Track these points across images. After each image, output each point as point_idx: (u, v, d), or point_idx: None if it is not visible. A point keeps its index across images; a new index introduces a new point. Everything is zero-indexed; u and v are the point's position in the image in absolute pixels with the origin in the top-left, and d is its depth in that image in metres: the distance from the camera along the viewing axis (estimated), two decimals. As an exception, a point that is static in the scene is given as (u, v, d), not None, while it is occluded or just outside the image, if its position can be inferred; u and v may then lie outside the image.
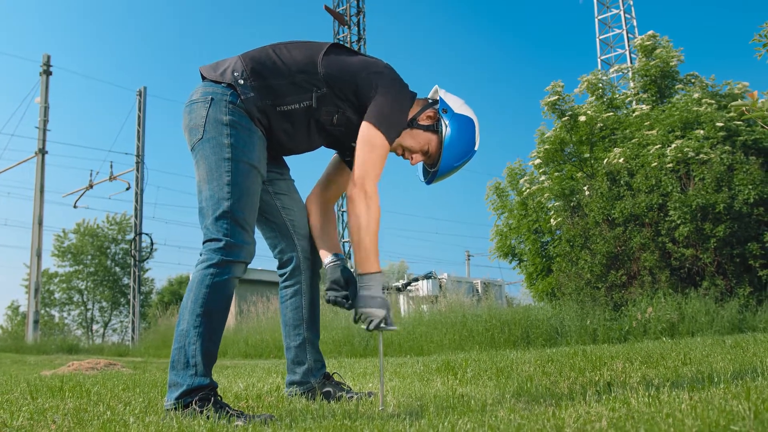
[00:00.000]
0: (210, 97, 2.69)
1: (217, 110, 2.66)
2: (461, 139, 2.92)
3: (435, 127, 2.93)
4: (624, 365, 3.86)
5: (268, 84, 2.70)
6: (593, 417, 1.92)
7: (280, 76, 2.72)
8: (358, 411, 2.52)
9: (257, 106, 2.70)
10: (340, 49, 2.88)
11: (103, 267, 43.28)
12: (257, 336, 13.76)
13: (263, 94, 2.70)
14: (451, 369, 4.29)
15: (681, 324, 9.09)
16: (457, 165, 2.97)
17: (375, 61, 2.87)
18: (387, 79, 2.78)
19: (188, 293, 2.57)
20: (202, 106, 2.69)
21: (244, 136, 2.67)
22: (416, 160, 2.98)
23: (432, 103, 2.99)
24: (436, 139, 2.92)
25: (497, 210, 14.91)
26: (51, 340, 20.68)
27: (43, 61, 23.48)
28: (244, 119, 2.68)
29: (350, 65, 2.78)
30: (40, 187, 22.77)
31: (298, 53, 2.78)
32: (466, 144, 2.95)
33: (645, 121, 12.16)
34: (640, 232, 10.79)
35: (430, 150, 2.95)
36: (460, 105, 2.98)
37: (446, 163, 2.93)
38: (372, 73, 2.77)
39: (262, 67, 2.72)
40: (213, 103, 2.67)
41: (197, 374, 2.47)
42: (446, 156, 2.91)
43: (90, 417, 2.49)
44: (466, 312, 11.42)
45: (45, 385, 3.94)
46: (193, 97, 2.75)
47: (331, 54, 2.80)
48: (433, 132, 2.92)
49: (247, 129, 2.68)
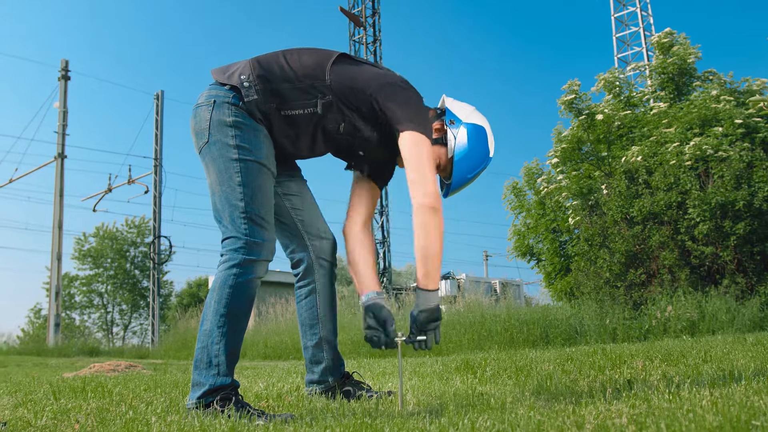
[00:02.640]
0: (213, 100, 2.70)
1: (220, 112, 2.67)
2: (472, 149, 2.85)
3: (443, 139, 2.87)
4: (644, 363, 3.85)
5: (274, 88, 2.69)
6: (614, 414, 1.92)
7: (286, 80, 2.70)
8: (378, 409, 2.53)
9: (260, 109, 2.69)
10: (350, 58, 2.85)
11: (122, 270, 43.51)
12: (276, 337, 13.78)
13: (268, 97, 2.68)
14: (471, 368, 4.29)
15: (701, 322, 9.03)
16: (471, 176, 2.90)
17: (387, 71, 2.84)
18: (400, 87, 2.75)
19: (212, 293, 2.59)
20: (206, 110, 2.70)
21: (249, 135, 2.67)
22: None
23: (440, 114, 2.93)
24: (445, 151, 2.86)
25: (515, 210, 14.87)
26: (72, 342, 20.84)
27: (62, 66, 23.69)
28: (248, 119, 2.68)
29: (361, 74, 2.76)
30: (59, 191, 22.96)
31: (307, 59, 2.77)
32: (479, 154, 2.87)
33: (663, 118, 12.09)
34: (659, 231, 10.73)
35: (441, 163, 2.88)
36: (470, 113, 2.91)
37: (459, 175, 2.86)
38: (386, 83, 2.74)
39: (269, 71, 2.71)
40: (216, 105, 2.68)
41: (220, 374, 2.50)
42: (458, 169, 2.84)
43: (112, 417, 2.52)
44: (484, 312, 11.40)
45: (67, 386, 3.98)
46: (198, 101, 2.77)
47: (341, 62, 2.78)
48: (442, 145, 2.86)
49: (251, 128, 2.68)
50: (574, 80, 13.30)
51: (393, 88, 2.74)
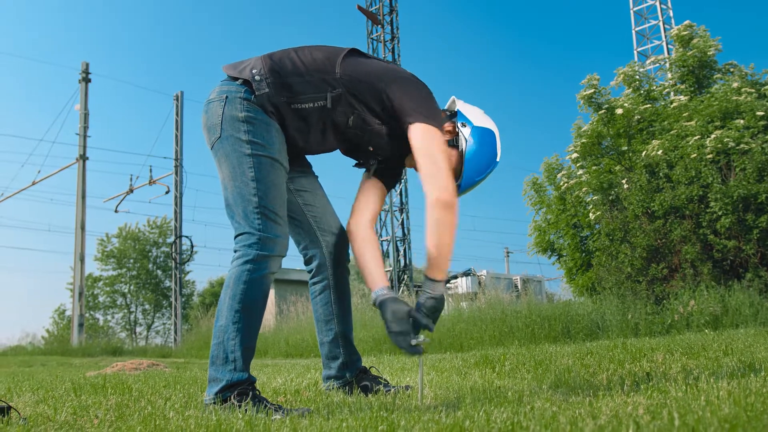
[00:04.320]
0: (225, 95, 2.71)
1: (232, 107, 2.68)
2: (483, 152, 2.86)
3: (454, 141, 2.87)
4: (664, 356, 3.82)
5: (284, 81, 2.70)
6: (630, 405, 1.91)
7: (297, 74, 2.71)
8: (395, 403, 2.53)
9: (271, 102, 2.69)
10: (360, 53, 2.86)
11: (145, 270, 43.88)
12: (297, 335, 13.82)
13: (278, 90, 2.69)
14: (490, 363, 4.28)
15: (724, 317, 8.95)
16: (480, 179, 2.90)
17: (396, 66, 2.86)
18: (413, 81, 2.77)
19: (225, 289, 2.61)
20: (218, 105, 2.71)
21: (261, 130, 2.68)
22: None
23: (450, 116, 2.94)
24: (456, 153, 2.86)
25: (535, 205, 14.81)
26: (96, 342, 21.04)
27: (82, 69, 23.89)
28: (260, 113, 2.69)
29: (371, 67, 2.77)
30: (81, 192, 23.16)
31: (318, 53, 2.78)
32: (488, 157, 2.88)
33: (683, 112, 11.98)
34: (681, 225, 10.64)
35: (451, 165, 2.86)
36: (480, 116, 2.92)
37: (468, 177, 2.86)
38: (396, 77, 2.75)
39: (281, 65, 2.72)
40: (228, 101, 2.69)
41: (236, 369, 2.51)
42: (468, 170, 2.85)
43: (131, 412, 2.54)
44: (505, 308, 11.36)
45: (88, 384, 4.02)
46: (210, 96, 2.78)
47: (351, 56, 2.79)
48: (452, 146, 2.86)
49: (263, 123, 2.69)
50: (594, 75, 13.24)
51: (403, 81, 2.75)
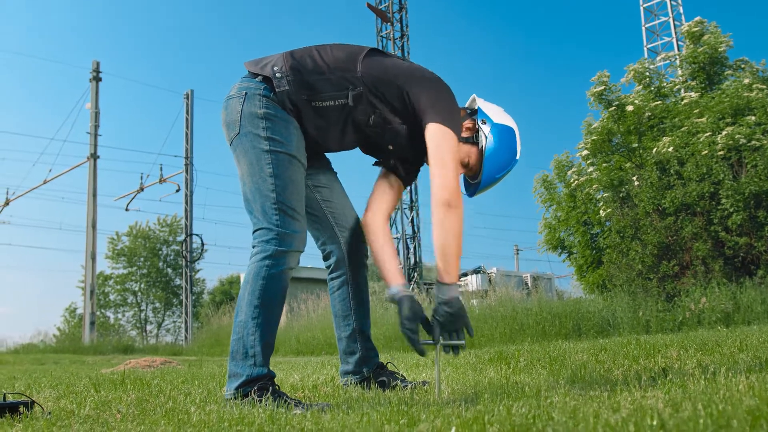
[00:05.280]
0: (244, 92, 2.73)
1: (252, 104, 2.70)
2: (502, 150, 2.87)
3: (474, 138, 2.89)
4: (679, 353, 3.83)
5: (305, 79, 2.71)
6: (649, 399, 1.93)
7: (318, 72, 2.72)
8: (413, 398, 2.56)
9: (290, 99, 2.71)
10: (381, 52, 2.88)
11: (155, 268, 43.98)
12: (308, 333, 13.85)
13: (299, 88, 2.70)
14: (504, 359, 4.30)
15: (736, 314, 8.93)
16: (499, 176, 2.92)
17: (418, 66, 2.86)
18: (433, 81, 2.78)
19: (245, 285, 2.63)
20: (237, 102, 2.74)
21: (280, 127, 2.70)
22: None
23: (470, 114, 2.95)
24: (476, 151, 2.88)
25: (545, 203, 14.79)
26: (107, 340, 21.14)
27: (93, 68, 23.97)
28: (279, 111, 2.71)
29: (392, 66, 2.78)
30: (92, 191, 23.25)
31: (339, 52, 2.79)
32: (508, 154, 2.89)
33: (694, 108, 11.95)
34: (692, 222, 10.62)
35: (470, 162, 2.90)
36: (500, 114, 2.92)
37: (488, 174, 2.87)
38: (417, 76, 2.76)
39: (302, 63, 2.73)
40: (247, 97, 2.72)
41: (256, 364, 2.54)
42: (488, 168, 2.86)
43: (152, 407, 2.57)
44: (516, 305, 11.37)
45: (107, 380, 4.05)
46: (229, 93, 2.80)
47: (373, 55, 2.81)
48: (473, 144, 2.88)
49: (282, 120, 2.71)
50: (604, 72, 13.20)
51: (424, 81, 2.76)
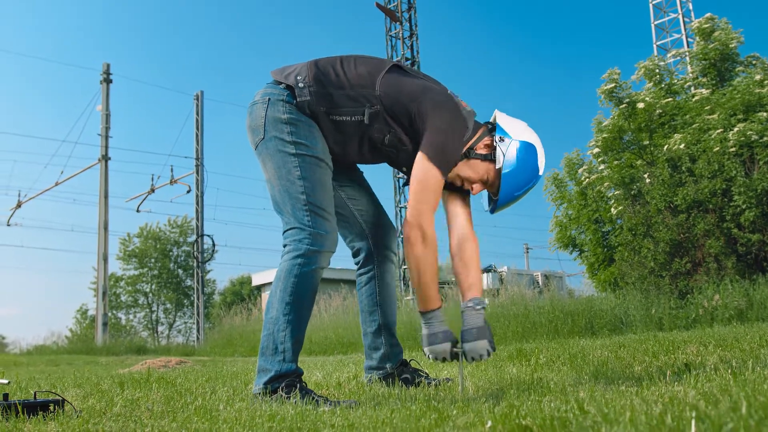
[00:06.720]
0: (268, 98, 2.79)
1: (275, 110, 2.76)
2: (520, 167, 2.82)
3: (492, 156, 2.85)
4: (698, 349, 3.84)
5: (326, 92, 2.74)
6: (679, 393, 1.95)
7: (339, 87, 2.75)
8: (438, 395, 2.58)
9: (311, 109, 2.75)
10: (402, 70, 2.86)
11: (166, 269, 44.12)
12: (321, 333, 13.86)
13: (319, 100, 2.74)
14: (524, 356, 4.32)
15: (749, 311, 8.91)
16: (519, 194, 2.87)
17: (435, 87, 2.82)
18: (443, 109, 2.73)
19: (277, 282, 2.67)
20: (261, 107, 2.79)
21: (304, 131, 2.75)
22: (477, 189, 2.90)
23: (490, 130, 2.92)
24: (494, 168, 2.85)
25: (556, 201, 14.77)
26: (119, 341, 21.18)
27: (103, 70, 24.03)
28: (302, 116, 2.76)
29: (408, 88, 2.76)
30: (104, 192, 23.33)
31: (362, 68, 2.80)
32: (527, 172, 2.84)
33: (705, 105, 11.92)
34: (704, 219, 10.59)
35: (489, 179, 2.87)
36: (522, 130, 2.88)
37: (506, 192, 2.84)
38: (429, 100, 2.73)
39: (325, 75, 2.77)
40: (270, 103, 2.77)
41: (285, 360, 2.57)
42: (505, 186, 2.83)
43: (180, 405, 2.59)
44: (528, 304, 11.37)
45: (131, 378, 4.09)
46: (253, 98, 2.86)
47: (392, 73, 2.81)
48: (491, 161, 2.85)
49: (306, 124, 2.76)
50: (614, 69, 13.19)
51: (434, 107, 2.72)
